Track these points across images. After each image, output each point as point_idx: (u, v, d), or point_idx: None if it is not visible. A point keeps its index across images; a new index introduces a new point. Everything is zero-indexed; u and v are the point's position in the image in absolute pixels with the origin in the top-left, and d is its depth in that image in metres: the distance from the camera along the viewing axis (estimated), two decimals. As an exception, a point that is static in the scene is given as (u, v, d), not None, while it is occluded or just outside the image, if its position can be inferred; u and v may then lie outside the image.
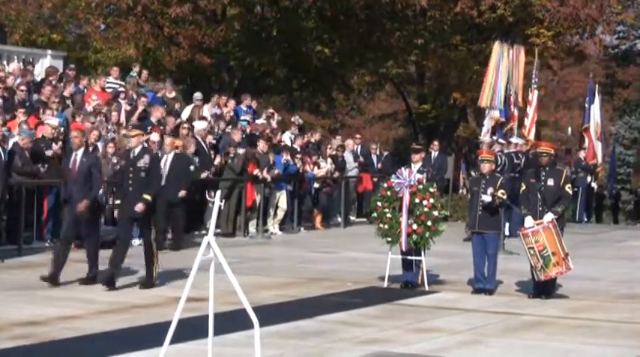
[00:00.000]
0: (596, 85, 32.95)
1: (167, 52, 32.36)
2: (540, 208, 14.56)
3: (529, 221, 14.47)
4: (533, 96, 23.34)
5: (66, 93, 22.04)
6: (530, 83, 24.27)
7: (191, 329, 10.00)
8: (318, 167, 25.53)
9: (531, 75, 24.45)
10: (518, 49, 21.95)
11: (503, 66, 21.31)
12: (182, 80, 35.49)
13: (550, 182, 14.67)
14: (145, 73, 26.12)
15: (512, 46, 21.89)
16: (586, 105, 32.42)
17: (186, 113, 24.64)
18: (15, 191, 17.89)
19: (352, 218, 27.90)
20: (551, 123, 51.16)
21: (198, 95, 25.63)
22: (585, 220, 31.32)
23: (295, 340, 10.98)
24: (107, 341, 10.54)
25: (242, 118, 25.49)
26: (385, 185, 15.57)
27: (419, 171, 15.42)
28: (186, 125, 22.69)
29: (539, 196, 14.62)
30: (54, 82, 22.42)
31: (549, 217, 14.41)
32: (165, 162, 19.29)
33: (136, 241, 19.76)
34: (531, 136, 23.55)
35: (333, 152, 26.66)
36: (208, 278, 8.62)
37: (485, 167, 15.24)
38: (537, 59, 23.83)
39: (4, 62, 24.63)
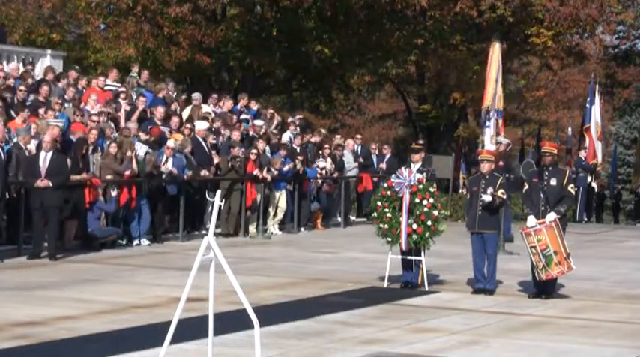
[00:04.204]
0: (597, 85, 32.96)
1: (167, 52, 32.35)
2: (543, 208, 14.56)
3: (531, 220, 14.47)
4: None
5: (68, 95, 21.95)
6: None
7: (191, 329, 9.99)
8: (319, 167, 25.54)
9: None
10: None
11: (497, 66, 21.35)
12: (182, 80, 35.49)
13: (553, 182, 14.66)
14: (145, 73, 26.11)
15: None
16: (587, 105, 32.43)
17: (185, 113, 24.62)
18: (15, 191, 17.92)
19: (352, 218, 27.90)
20: (551, 123, 51.17)
21: (196, 95, 25.63)
22: (585, 220, 31.35)
23: (295, 340, 10.97)
24: (107, 341, 10.53)
25: (242, 117, 25.52)
26: (385, 185, 15.57)
27: (419, 171, 15.42)
28: (188, 125, 22.71)
29: (541, 195, 14.62)
30: (50, 78, 22.37)
31: (552, 216, 14.41)
32: (45, 160, 17.60)
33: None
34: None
35: (333, 151, 26.67)
36: (208, 278, 8.61)
37: (485, 167, 15.24)
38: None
39: (4, 62, 24.61)
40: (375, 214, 15.37)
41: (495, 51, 21.21)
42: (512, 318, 13.16)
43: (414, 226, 14.95)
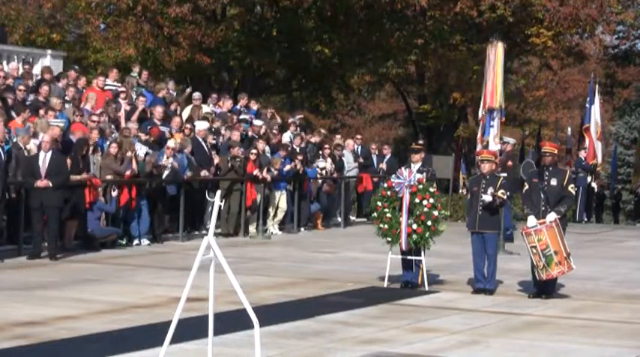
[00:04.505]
0: (596, 85, 32.95)
1: (167, 52, 32.35)
2: (543, 208, 14.56)
3: (532, 220, 14.47)
4: None
5: (68, 95, 21.93)
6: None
7: (191, 329, 9.98)
8: (319, 167, 25.54)
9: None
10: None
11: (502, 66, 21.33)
12: (182, 80, 35.49)
13: (553, 182, 14.66)
14: (145, 73, 26.11)
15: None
16: (587, 105, 32.43)
17: (185, 113, 24.64)
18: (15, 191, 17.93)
19: (352, 218, 27.90)
20: (551, 123, 51.17)
21: (197, 95, 25.63)
22: (585, 220, 31.35)
23: (295, 340, 10.97)
24: (107, 341, 10.53)
25: (242, 117, 25.52)
26: (385, 185, 15.57)
27: (419, 171, 15.42)
28: (188, 125, 22.71)
29: (542, 195, 14.61)
30: (47, 78, 22.35)
31: (552, 216, 14.42)
32: (44, 160, 17.47)
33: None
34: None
35: (333, 151, 26.67)
36: (208, 278, 8.61)
37: (486, 167, 15.24)
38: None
39: (4, 62, 24.61)
40: (375, 214, 15.37)
41: (499, 51, 21.18)
42: (512, 318, 13.16)
43: (414, 226, 14.95)
